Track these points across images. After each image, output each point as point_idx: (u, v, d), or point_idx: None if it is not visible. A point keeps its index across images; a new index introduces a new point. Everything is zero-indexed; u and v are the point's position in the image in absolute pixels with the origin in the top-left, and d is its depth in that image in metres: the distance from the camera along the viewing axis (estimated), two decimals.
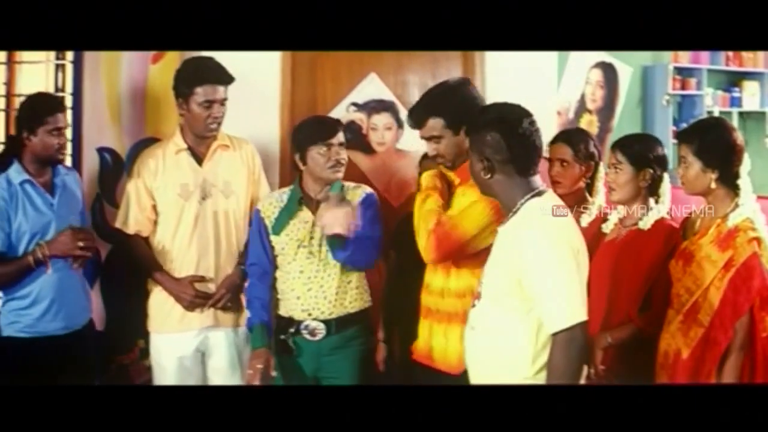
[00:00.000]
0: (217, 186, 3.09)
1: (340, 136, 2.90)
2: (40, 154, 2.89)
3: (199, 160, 3.10)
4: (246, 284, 3.02)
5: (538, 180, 2.29)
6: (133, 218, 3.10)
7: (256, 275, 2.96)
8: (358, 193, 2.98)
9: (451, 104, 2.67)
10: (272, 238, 2.94)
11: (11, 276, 2.86)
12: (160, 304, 3.11)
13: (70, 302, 2.95)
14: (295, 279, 2.90)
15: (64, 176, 3.01)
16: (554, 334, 2.14)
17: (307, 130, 2.92)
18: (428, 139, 2.70)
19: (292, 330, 2.89)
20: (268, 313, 2.93)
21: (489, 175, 2.25)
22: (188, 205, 3.06)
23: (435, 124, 2.67)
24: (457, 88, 2.76)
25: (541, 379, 2.18)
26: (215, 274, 3.08)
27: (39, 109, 2.88)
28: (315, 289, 2.88)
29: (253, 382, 2.78)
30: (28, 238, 2.86)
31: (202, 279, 3.05)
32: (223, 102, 3.02)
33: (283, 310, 2.93)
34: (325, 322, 2.88)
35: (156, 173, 3.07)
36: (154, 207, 3.09)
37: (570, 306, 2.13)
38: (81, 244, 2.87)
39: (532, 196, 2.24)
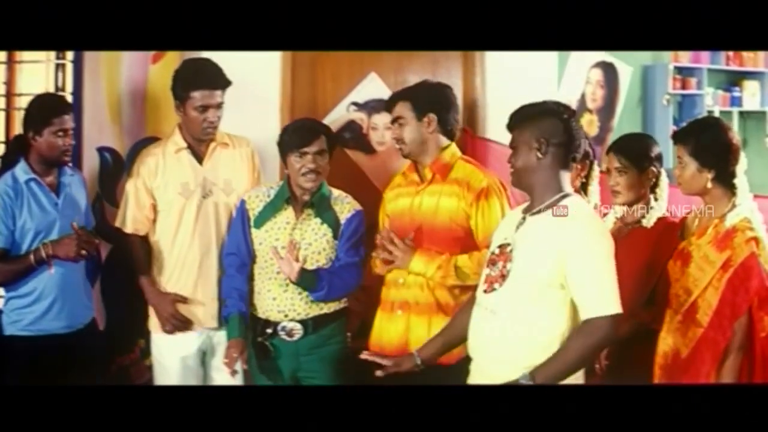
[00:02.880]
0: (218, 184, 3.09)
1: (319, 144, 2.87)
2: (46, 154, 2.89)
3: (199, 158, 3.10)
4: (223, 276, 3.00)
5: (569, 180, 2.37)
6: (130, 217, 3.10)
7: (234, 266, 2.95)
8: (347, 208, 2.98)
9: (423, 93, 2.89)
10: (252, 231, 2.94)
11: (14, 273, 2.87)
12: None
13: (73, 301, 2.95)
14: (271, 280, 2.90)
15: (69, 177, 3.01)
16: (589, 320, 2.19)
17: (287, 135, 2.93)
18: (394, 121, 2.89)
19: (269, 331, 2.89)
20: (245, 304, 2.93)
21: (543, 156, 2.32)
22: (189, 203, 3.06)
23: (402, 107, 2.87)
24: (434, 84, 2.97)
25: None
26: (219, 273, 3.07)
27: (45, 110, 2.88)
28: (291, 290, 2.88)
29: (230, 370, 2.79)
30: (32, 236, 2.87)
31: (184, 300, 3.06)
32: (218, 106, 3.01)
33: (260, 311, 2.93)
34: (302, 322, 2.88)
35: (156, 172, 3.07)
36: (154, 206, 3.09)
37: (614, 296, 2.20)
38: (84, 251, 2.87)
39: (565, 196, 2.32)
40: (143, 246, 3.13)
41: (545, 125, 2.32)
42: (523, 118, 2.37)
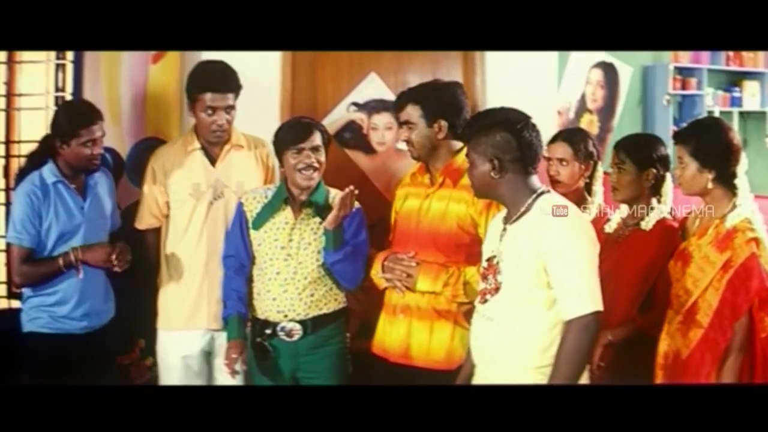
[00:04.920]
0: (229, 186, 3.09)
1: (315, 140, 2.86)
2: (73, 163, 2.88)
3: (213, 160, 3.10)
4: (222, 278, 3.00)
5: (538, 179, 2.38)
6: (146, 214, 3.14)
7: (232, 268, 2.95)
8: None
9: (433, 97, 2.82)
10: (251, 232, 2.94)
11: (41, 276, 2.87)
12: (168, 300, 3.13)
13: (94, 302, 2.95)
14: (271, 280, 2.90)
15: (97, 179, 3.01)
16: (570, 321, 2.21)
17: (282, 133, 2.92)
18: (403, 123, 2.85)
19: (268, 332, 2.89)
20: (244, 305, 2.93)
21: (500, 175, 2.32)
22: (199, 204, 3.06)
23: (412, 110, 2.82)
24: (445, 85, 2.91)
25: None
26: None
27: (73, 121, 2.85)
28: (290, 290, 2.87)
29: (230, 371, 2.80)
30: (55, 238, 2.87)
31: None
32: (227, 109, 3.00)
33: (259, 312, 2.93)
34: (301, 322, 2.88)
35: (170, 171, 3.08)
36: (167, 203, 3.11)
37: (590, 294, 2.23)
38: (114, 261, 2.86)
39: (539, 195, 2.33)
40: (156, 241, 3.16)
41: (497, 141, 2.31)
42: (475, 131, 2.37)
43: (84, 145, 2.85)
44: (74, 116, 2.88)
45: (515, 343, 2.29)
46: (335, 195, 2.96)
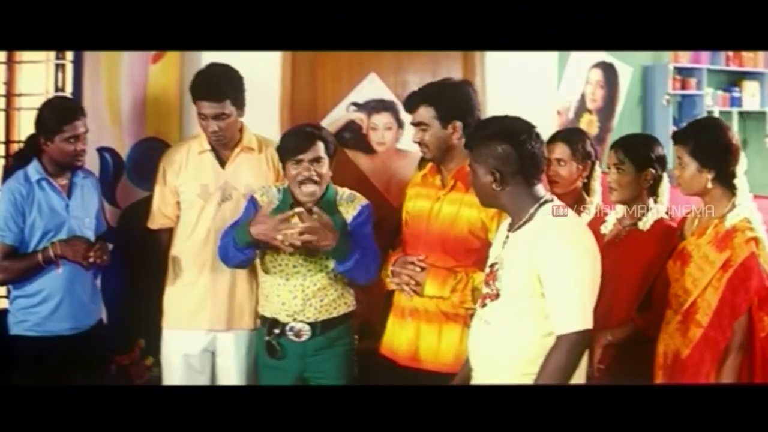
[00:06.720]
0: (238, 189, 3.08)
1: (316, 151, 2.80)
2: (57, 159, 2.91)
3: (223, 162, 3.09)
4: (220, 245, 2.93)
5: (542, 188, 2.35)
6: (157, 213, 3.14)
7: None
8: (353, 206, 2.93)
9: (446, 98, 2.78)
10: None
11: (21, 271, 2.88)
12: (173, 299, 3.13)
13: (79, 302, 2.95)
14: (280, 286, 2.88)
15: (82, 179, 3.02)
16: (558, 336, 2.20)
17: (284, 141, 2.88)
18: (416, 125, 2.80)
19: (277, 331, 2.88)
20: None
21: (501, 187, 2.29)
22: (207, 206, 3.06)
23: (425, 112, 2.77)
24: (457, 85, 2.88)
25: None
26: (230, 278, 3.06)
27: (56, 117, 2.88)
28: (299, 296, 2.86)
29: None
30: (39, 235, 2.88)
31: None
32: (218, 117, 2.96)
33: (268, 312, 2.92)
34: (310, 324, 2.87)
35: (179, 171, 3.09)
36: (178, 203, 3.11)
37: (583, 311, 2.20)
38: (91, 259, 2.88)
39: (542, 204, 2.30)
40: (169, 242, 3.15)
41: (498, 153, 2.27)
42: (477, 142, 2.34)
43: (67, 141, 2.87)
44: (57, 112, 2.90)
45: (508, 349, 2.28)
46: (342, 194, 2.94)
